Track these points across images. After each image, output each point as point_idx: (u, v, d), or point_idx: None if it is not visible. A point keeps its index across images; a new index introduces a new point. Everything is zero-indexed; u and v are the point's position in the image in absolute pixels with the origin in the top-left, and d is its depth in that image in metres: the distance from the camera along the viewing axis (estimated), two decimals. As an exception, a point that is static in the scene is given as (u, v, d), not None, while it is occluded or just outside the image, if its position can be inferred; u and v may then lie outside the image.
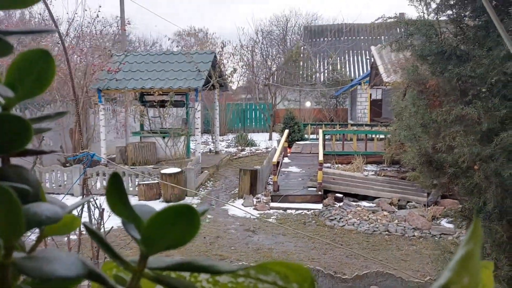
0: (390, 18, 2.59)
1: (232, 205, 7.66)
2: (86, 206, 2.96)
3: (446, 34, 2.34)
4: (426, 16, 2.36)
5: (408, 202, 8.68)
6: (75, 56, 11.78)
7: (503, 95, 2.11)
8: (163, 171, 9.16)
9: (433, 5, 2.35)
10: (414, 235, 7.30)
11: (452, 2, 2.28)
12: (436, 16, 2.36)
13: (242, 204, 9.04)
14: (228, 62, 19.19)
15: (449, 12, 2.37)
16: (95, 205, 3.18)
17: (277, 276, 0.37)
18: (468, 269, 0.27)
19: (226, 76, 14.41)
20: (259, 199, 9.24)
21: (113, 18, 22.11)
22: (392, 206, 8.52)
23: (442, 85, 2.28)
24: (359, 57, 24.19)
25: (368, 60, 22.66)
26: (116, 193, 0.39)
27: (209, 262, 0.39)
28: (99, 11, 12.30)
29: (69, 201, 6.90)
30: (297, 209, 8.64)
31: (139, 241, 0.38)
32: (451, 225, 7.47)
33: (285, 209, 8.72)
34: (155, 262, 0.39)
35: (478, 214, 2.05)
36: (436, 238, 7.18)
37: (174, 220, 0.36)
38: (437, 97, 2.26)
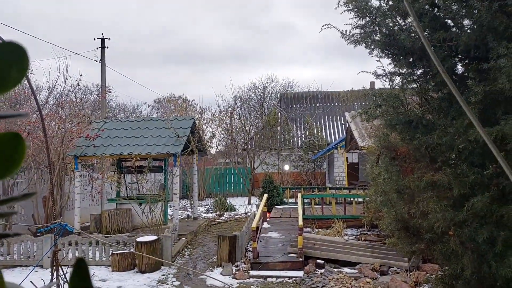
0: (359, 91, 2.74)
1: (210, 276, 7.37)
2: (55, 281, 2.80)
3: (412, 105, 2.48)
4: (391, 89, 2.52)
5: (390, 267, 8.55)
6: (53, 123, 11.76)
7: (470, 162, 2.20)
8: (138, 239, 8.84)
9: (398, 79, 2.52)
10: (398, 302, 7.10)
11: (415, 77, 2.45)
12: (401, 89, 2.52)
13: (221, 273, 8.71)
14: (207, 127, 19.50)
15: (414, 85, 2.53)
16: (65, 279, 3.01)
17: None
18: None
19: (205, 141, 14.54)
20: (238, 267, 8.94)
21: (94, 86, 22.51)
22: (374, 272, 8.36)
23: (412, 152, 2.37)
24: (335, 122, 25.01)
25: (343, 125, 23.44)
26: (80, 283, 0.38)
27: None
28: (80, 80, 12.53)
29: (38, 273, 6.53)
30: (277, 277, 8.37)
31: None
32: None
33: (265, 277, 8.42)
34: None
35: (457, 281, 2.04)
36: (420, 304, 6.99)
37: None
38: (408, 163, 2.34)
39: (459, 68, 2.48)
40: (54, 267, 3.12)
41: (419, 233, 2.25)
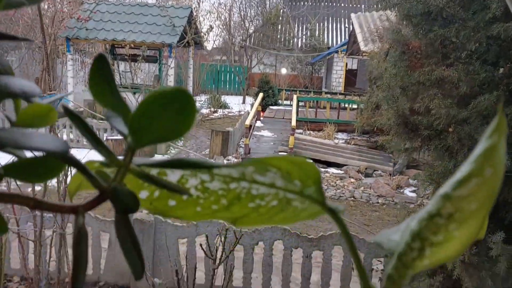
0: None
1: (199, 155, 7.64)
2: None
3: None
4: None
5: (375, 170, 8.93)
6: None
7: (484, 60, 2.14)
8: (133, 127, 8.98)
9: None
10: (378, 202, 7.56)
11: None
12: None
13: (213, 165, 9.05)
14: (204, 19, 18.64)
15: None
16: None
17: (277, 174, 0.34)
18: (492, 161, 0.24)
19: (202, 34, 14.00)
20: (229, 161, 9.26)
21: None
22: (359, 174, 8.75)
23: (424, 48, 2.27)
24: (338, 25, 24.02)
25: (346, 29, 22.55)
26: (102, 78, 0.34)
27: (200, 159, 0.36)
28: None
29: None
30: (267, 172, 8.73)
31: (127, 133, 0.34)
32: (413, 194, 7.77)
33: (255, 171, 8.79)
34: (141, 160, 0.35)
35: (446, 178, 2.12)
36: (398, 205, 7.46)
37: (166, 104, 0.32)
38: (418, 59, 2.27)
39: None
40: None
41: (417, 130, 2.28)
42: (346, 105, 12.82)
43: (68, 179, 2.92)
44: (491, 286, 1.87)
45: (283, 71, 21.90)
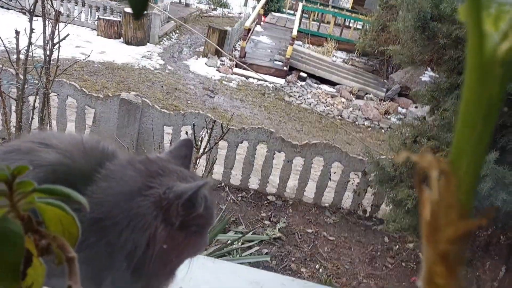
0: None
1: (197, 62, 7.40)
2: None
3: None
4: None
5: (367, 94, 8.87)
6: None
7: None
8: (126, 9, 8.47)
9: None
10: (364, 124, 7.62)
11: None
12: None
13: (206, 63, 8.81)
14: None
15: None
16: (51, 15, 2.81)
17: None
18: None
19: None
20: (223, 62, 9.01)
21: None
22: (351, 95, 8.69)
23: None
24: None
25: None
26: None
27: None
28: None
29: (21, 19, 6.25)
30: (259, 79, 8.56)
31: None
32: (400, 122, 7.83)
33: (247, 77, 8.62)
34: None
35: (453, 92, 2.07)
36: (383, 130, 7.55)
37: None
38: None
39: None
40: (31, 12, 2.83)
41: (435, 37, 2.17)
42: (351, 25, 12.30)
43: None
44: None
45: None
